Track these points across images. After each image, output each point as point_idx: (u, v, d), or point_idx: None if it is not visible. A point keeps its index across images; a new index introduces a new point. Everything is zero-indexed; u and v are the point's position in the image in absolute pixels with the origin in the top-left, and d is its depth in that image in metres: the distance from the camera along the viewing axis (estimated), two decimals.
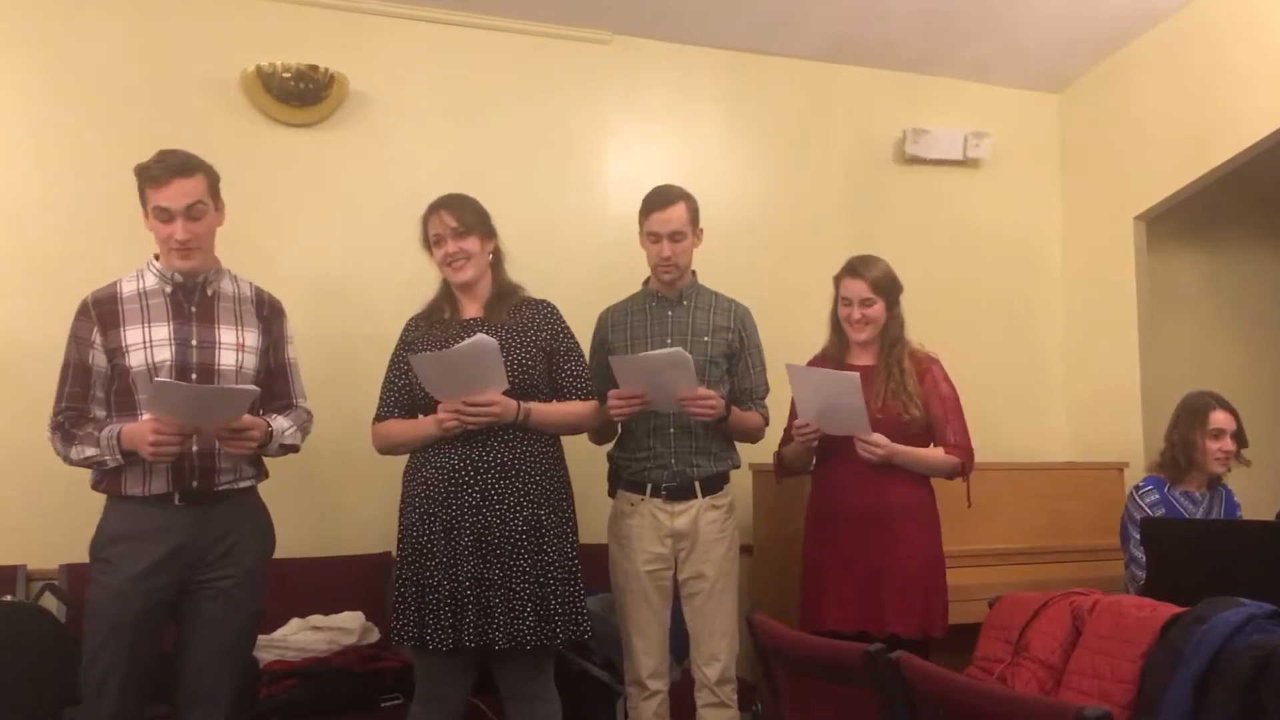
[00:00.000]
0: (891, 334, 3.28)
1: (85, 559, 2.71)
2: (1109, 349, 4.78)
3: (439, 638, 2.75)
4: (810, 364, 3.33)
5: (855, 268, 3.28)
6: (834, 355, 3.35)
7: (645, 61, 4.48)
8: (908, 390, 3.20)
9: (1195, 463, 3.61)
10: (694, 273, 3.34)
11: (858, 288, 3.24)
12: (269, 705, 3.16)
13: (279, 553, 3.71)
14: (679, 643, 3.29)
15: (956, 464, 3.23)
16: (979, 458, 3.30)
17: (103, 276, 2.81)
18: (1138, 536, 3.53)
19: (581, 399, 3.00)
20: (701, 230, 3.29)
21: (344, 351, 3.82)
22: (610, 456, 3.33)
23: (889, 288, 3.27)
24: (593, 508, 3.29)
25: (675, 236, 3.20)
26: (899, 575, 3.13)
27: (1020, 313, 5.00)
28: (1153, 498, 3.61)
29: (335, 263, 3.94)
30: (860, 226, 4.62)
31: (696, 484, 3.19)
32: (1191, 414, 3.65)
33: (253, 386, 2.67)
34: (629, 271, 3.45)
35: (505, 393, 2.81)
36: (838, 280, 3.32)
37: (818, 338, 3.44)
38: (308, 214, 3.97)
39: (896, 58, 4.73)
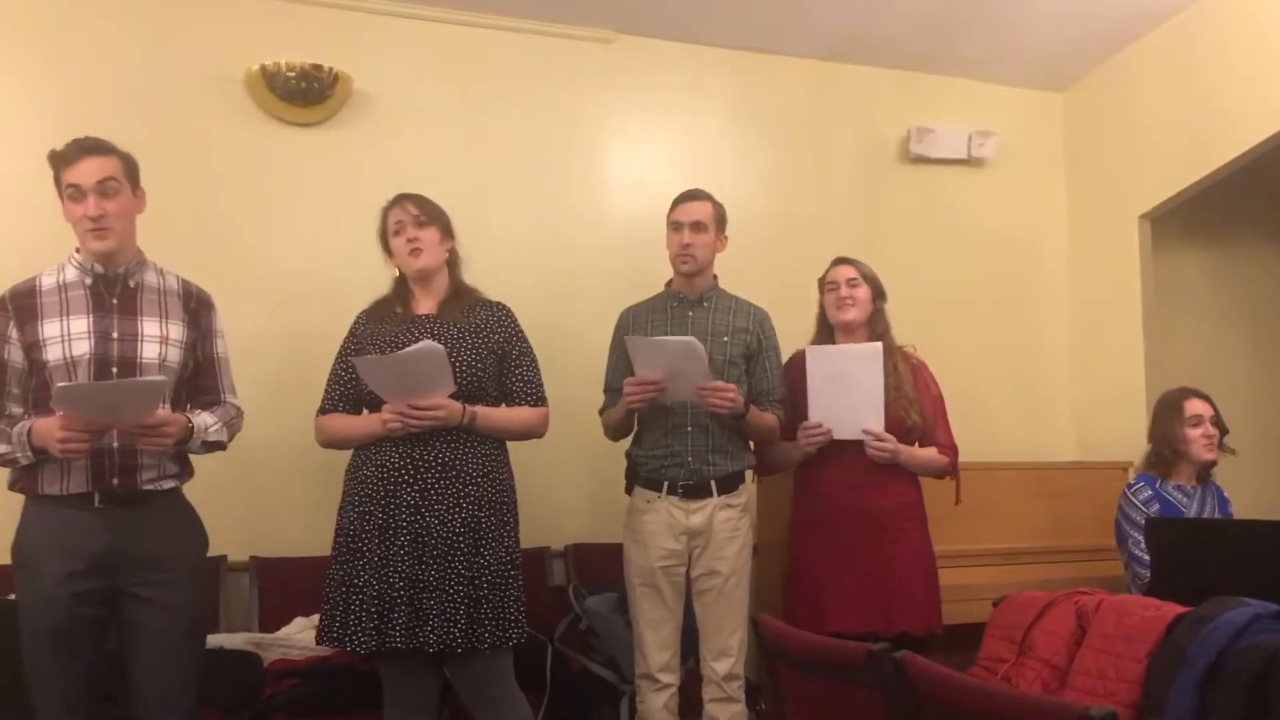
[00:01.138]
0: (878, 328, 3.35)
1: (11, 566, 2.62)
2: (1113, 348, 4.77)
3: (360, 639, 2.70)
4: (791, 359, 3.41)
5: (843, 258, 3.43)
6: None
7: (649, 60, 4.48)
8: (907, 395, 3.28)
9: (1181, 454, 3.65)
10: (715, 276, 3.38)
11: (845, 271, 3.38)
12: (272, 704, 3.16)
13: (283, 552, 3.73)
14: (686, 641, 3.29)
15: (946, 464, 3.33)
16: (983, 456, 3.34)
17: None
18: (1136, 535, 3.54)
19: (531, 405, 2.98)
20: (726, 237, 3.37)
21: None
22: (628, 454, 3.35)
23: (875, 281, 3.38)
24: (607, 505, 3.29)
25: (696, 227, 3.26)
26: (903, 574, 3.19)
27: (1024, 312, 4.99)
28: (1145, 494, 3.62)
29: (338, 261, 3.93)
30: (865, 226, 4.62)
31: (712, 482, 3.21)
32: (1168, 408, 3.71)
33: (159, 377, 2.58)
34: (632, 270, 3.46)
35: (452, 395, 2.78)
36: (823, 277, 3.43)
37: None
38: (311, 213, 3.97)
39: (901, 56, 4.73)
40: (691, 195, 3.33)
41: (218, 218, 3.82)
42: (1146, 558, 3.50)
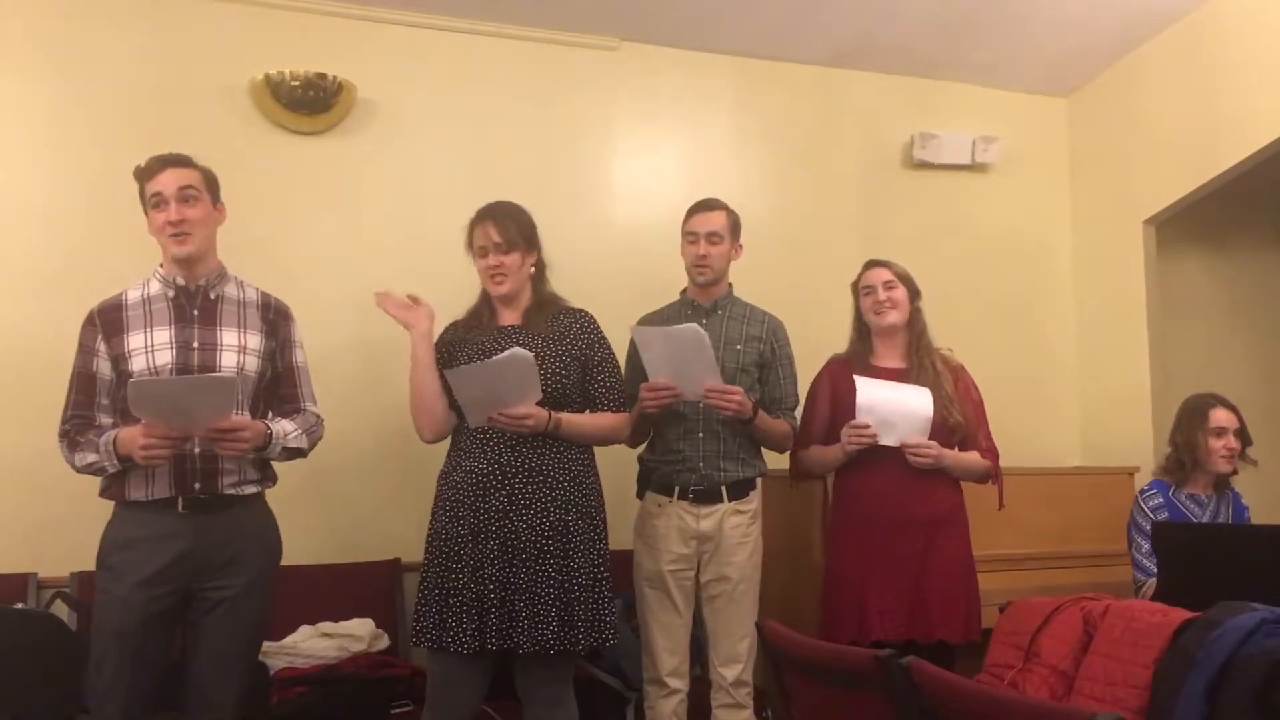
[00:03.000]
0: (917, 328, 3.32)
1: (94, 567, 2.70)
2: (1119, 353, 4.77)
3: (460, 641, 2.75)
4: (829, 365, 3.37)
5: (875, 261, 3.37)
6: (860, 357, 3.35)
7: (653, 68, 4.49)
8: (946, 393, 3.24)
9: (1199, 463, 3.60)
10: (730, 284, 3.39)
11: (881, 274, 3.32)
12: (279, 712, 3.16)
13: (289, 559, 3.72)
14: (694, 647, 3.30)
15: (989, 467, 3.30)
16: None
17: (116, 285, 2.82)
18: (1139, 540, 3.54)
19: (614, 410, 3.01)
20: (741, 246, 3.38)
21: (357, 357, 3.84)
22: (641, 459, 3.37)
23: (910, 281, 3.34)
24: (622, 511, 3.30)
25: (712, 238, 3.29)
26: (943, 581, 3.16)
27: (1030, 317, 4.99)
28: (1156, 501, 3.61)
29: (344, 270, 3.94)
30: (869, 232, 4.62)
31: (723, 488, 3.22)
32: (1193, 414, 3.65)
33: (229, 375, 2.66)
34: (637, 276, 3.47)
35: (539, 403, 2.83)
36: (857, 281, 3.37)
37: (828, 341, 3.46)
38: (316, 221, 3.98)
39: (905, 62, 4.73)
40: (707, 205, 3.34)
41: (222, 226, 3.81)
42: (1147, 563, 3.51)
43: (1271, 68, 4.02)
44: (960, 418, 3.23)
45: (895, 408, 3.12)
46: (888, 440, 3.15)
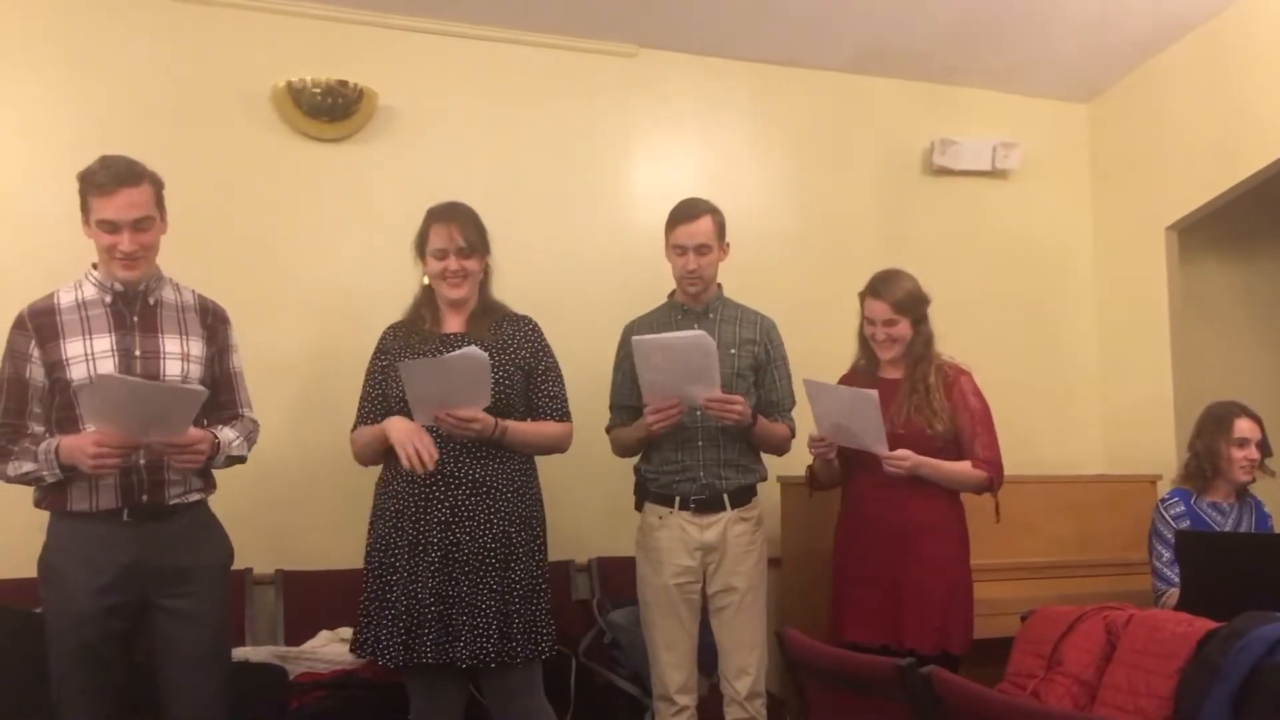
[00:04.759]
0: (917, 350, 3.26)
1: (23, 574, 2.64)
2: (1141, 361, 4.74)
3: (391, 653, 2.72)
4: (842, 380, 3.35)
5: (876, 288, 3.26)
6: (866, 369, 3.35)
7: (672, 74, 4.49)
8: (932, 406, 3.19)
9: (1220, 471, 3.58)
10: (719, 285, 3.33)
11: (879, 309, 3.24)
12: (298, 716, 3.17)
13: (309, 565, 3.75)
14: (706, 657, 3.27)
15: (984, 478, 3.20)
16: (1011, 470, 3.27)
17: None
18: (1160, 548, 3.52)
19: (557, 420, 2.97)
20: (728, 244, 3.28)
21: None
22: (637, 469, 3.32)
23: (912, 306, 3.24)
24: (618, 521, 3.29)
25: (701, 250, 3.18)
26: (917, 592, 3.11)
27: (1051, 325, 4.96)
28: (1177, 510, 3.58)
29: (364, 276, 3.96)
30: (888, 238, 4.61)
31: (725, 496, 3.18)
32: (1216, 422, 3.63)
33: (200, 387, 2.58)
34: (656, 283, 3.45)
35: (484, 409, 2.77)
36: (861, 298, 3.32)
37: (846, 348, 3.44)
38: (337, 228, 3.99)
39: (924, 68, 4.72)
40: (691, 214, 3.19)
41: (244, 234, 3.85)
42: (1168, 572, 3.48)
43: None
44: (942, 427, 3.16)
45: (848, 416, 3.07)
46: (852, 443, 3.12)
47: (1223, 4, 4.25)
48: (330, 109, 3.96)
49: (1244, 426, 3.58)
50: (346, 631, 3.50)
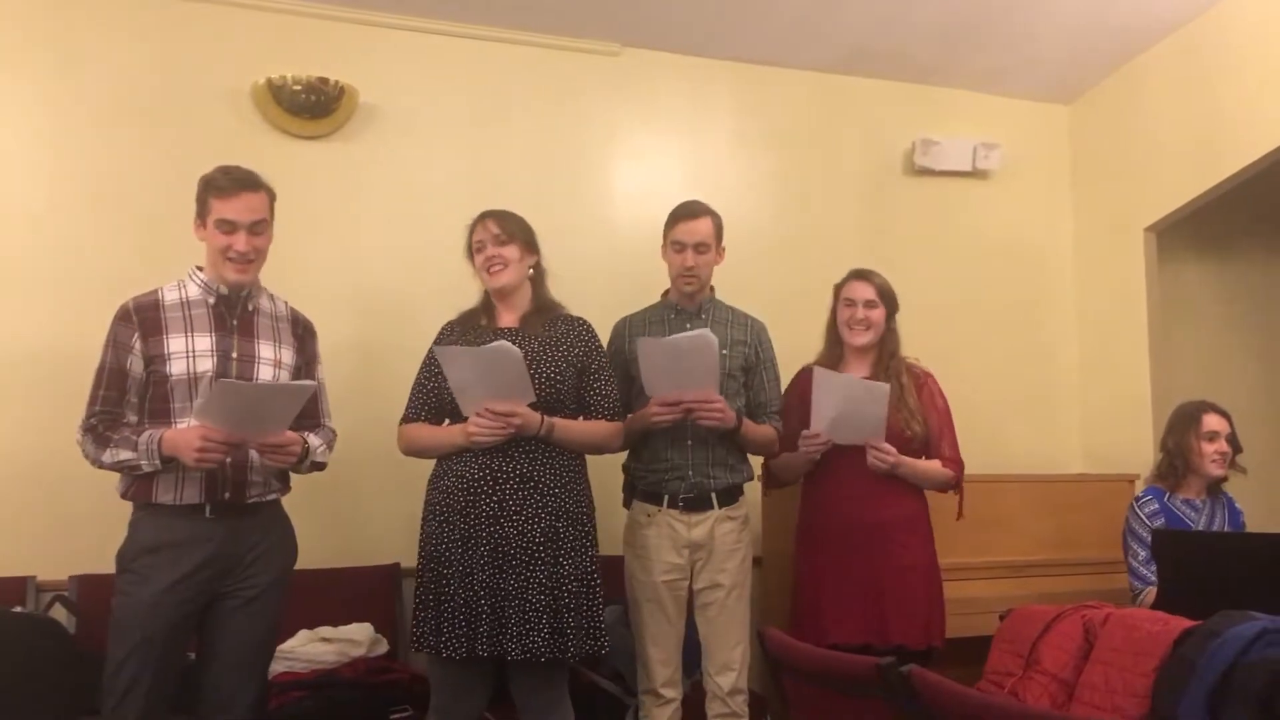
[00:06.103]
0: (889, 346, 3.33)
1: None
2: (1120, 361, 4.77)
3: (453, 646, 2.76)
4: (801, 374, 3.39)
5: (861, 273, 3.36)
6: (828, 365, 3.35)
7: (655, 73, 4.49)
8: (909, 406, 3.26)
9: (1192, 467, 3.63)
10: (712, 288, 3.37)
11: (864, 289, 3.31)
12: (278, 716, 3.15)
13: None
14: (688, 655, 3.28)
15: (951, 477, 3.30)
16: (990, 469, 3.32)
17: (118, 286, 2.82)
18: (1135, 547, 3.55)
19: (608, 419, 3.01)
20: (724, 249, 3.33)
21: (358, 361, 3.83)
22: (625, 467, 3.34)
23: (890, 298, 3.34)
24: (606, 518, 3.29)
25: (700, 248, 3.24)
26: (901, 586, 3.16)
27: (1030, 324, 4.98)
28: (1152, 508, 3.61)
29: (347, 274, 3.95)
30: (870, 238, 4.62)
31: (713, 495, 3.21)
32: (1185, 419, 3.69)
33: (310, 381, 2.74)
34: (639, 282, 3.46)
35: (532, 406, 2.82)
36: (840, 286, 3.38)
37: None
38: (318, 226, 3.97)
39: (906, 69, 4.73)
40: (692, 213, 3.26)
41: None
42: (1144, 570, 3.51)
43: (1272, 75, 4.02)
44: (919, 429, 3.25)
45: (853, 406, 3.09)
46: (844, 439, 3.15)
47: (1202, 7, 4.27)
48: (311, 106, 3.94)
49: (1212, 421, 3.64)
50: (326, 630, 3.50)
